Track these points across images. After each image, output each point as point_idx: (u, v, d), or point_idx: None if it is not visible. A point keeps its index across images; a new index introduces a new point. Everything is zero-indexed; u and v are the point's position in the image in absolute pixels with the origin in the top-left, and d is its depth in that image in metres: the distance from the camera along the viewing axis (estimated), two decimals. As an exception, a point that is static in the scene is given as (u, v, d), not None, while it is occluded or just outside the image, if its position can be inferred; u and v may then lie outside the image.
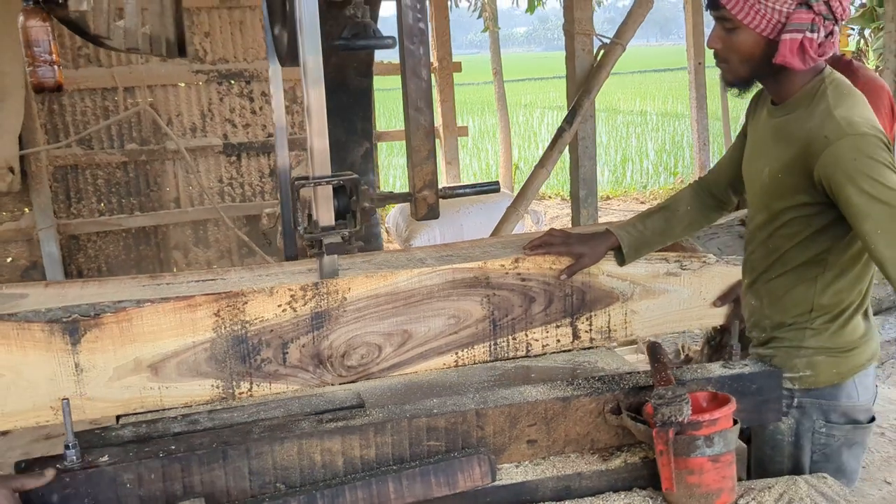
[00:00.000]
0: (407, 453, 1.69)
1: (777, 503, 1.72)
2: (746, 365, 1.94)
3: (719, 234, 2.47)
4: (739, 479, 1.79)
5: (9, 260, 6.38)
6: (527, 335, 2.20)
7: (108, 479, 1.53)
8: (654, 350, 1.91)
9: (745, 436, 2.02)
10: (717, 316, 2.43)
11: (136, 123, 6.37)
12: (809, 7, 1.72)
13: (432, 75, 7.28)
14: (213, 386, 1.95)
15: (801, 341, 1.91)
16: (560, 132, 4.70)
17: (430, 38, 7.01)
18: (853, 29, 9.98)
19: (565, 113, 4.73)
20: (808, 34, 1.73)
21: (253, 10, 6.58)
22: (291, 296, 1.96)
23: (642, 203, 10.04)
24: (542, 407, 1.77)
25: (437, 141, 7.51)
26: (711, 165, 8.89)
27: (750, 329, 2.05)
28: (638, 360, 3.93)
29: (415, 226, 6.47)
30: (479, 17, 9.44)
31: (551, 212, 9.33)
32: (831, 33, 1.76)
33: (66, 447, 1.54)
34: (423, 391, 2.04)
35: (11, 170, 5.96)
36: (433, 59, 7.22)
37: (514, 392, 1.81)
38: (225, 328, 1.92)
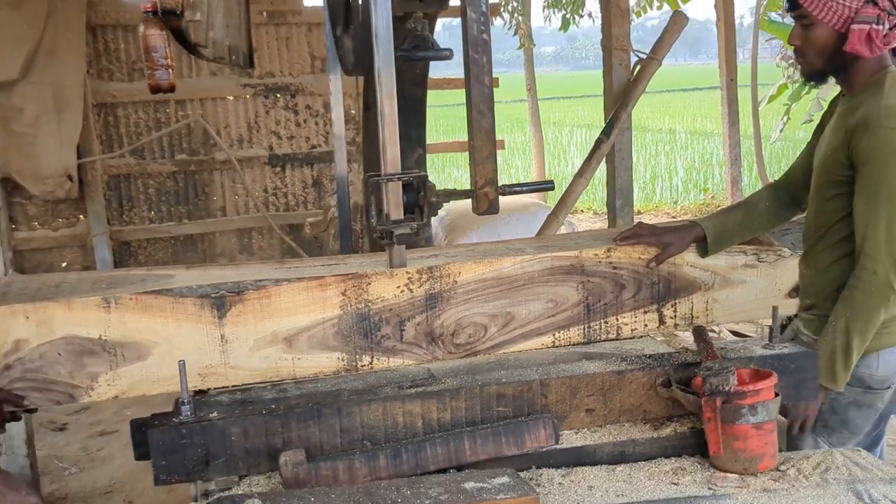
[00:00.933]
0: (478, 417, 1.88)
1: (815, 470, 1.88)
2: (786, 346, 2.11)
3: (793, 230, 2.63)
4: (780, 450, 1.96)
5: (63, 265, 6.65)
6: (617, 319, 2.37)
7: (218, 431, 1.74)
8: (699, 332, 2.10)
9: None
10: (791, 306, 2.57)
11: (186, 135, 6.64)
12: (875, 3, 2.00)
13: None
14: (338, 358, 2.13)
15: None
16: (598, 144, 4.89)
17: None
18: (884, 47, 10.08)
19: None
20: (875, 26, 2.01)
21: (299, 27, 6.84)
22: (409, 278, 2.15)
23: (673, 217, 10.18)
24: (599, 379, 1.96)
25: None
26: (743, 181, 9.03)
27: (800, 295, 2.29)
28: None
29: (453, 234, 6.66)
30: (515, 34, 9.67)
31: (583, 225, 9.50)
32: (895, 27, 2.03)
33: (182, 404, 1.75)
34: (486, 370, 2.22)
35: (70, 177, 6.23)
36: (471, 74, 7.44)
37: (574, 366, 2.00)
38: (350, 306, 2.11)
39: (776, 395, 1.88)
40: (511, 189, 2.50)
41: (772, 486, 1.81)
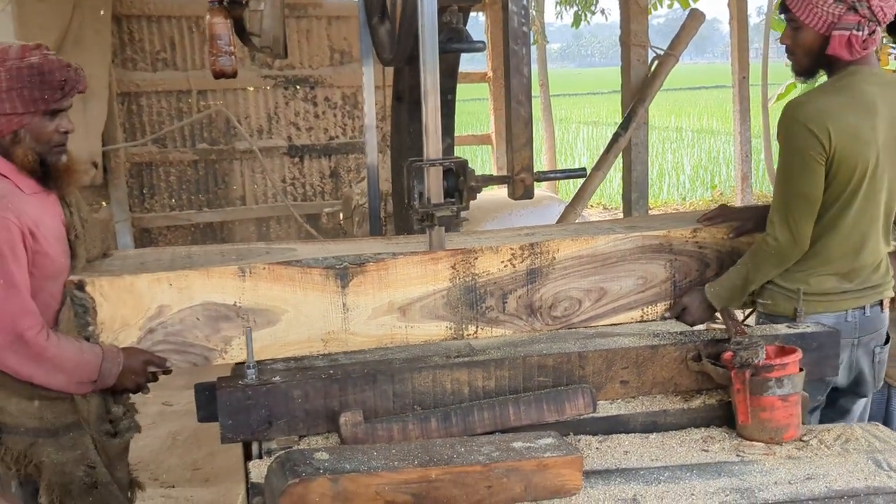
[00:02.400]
0: (520, 386, 2.00)
1: (836, 441, 2.00)
2: (808, 326, 2.23)
3: None
4: (803, 423, 2.08)
5: (86, 250, 6.77)
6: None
7: (281, 393, 1.86)
8: (727, 312, 2.22)
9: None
10: None
11: (208, 124, 6.76)
12: (856, 11, 2.18)
13: (487, 85, 7.62)
14: (447, 327, 2.27)
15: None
16: (615, 138, 5.00)
17: (488, 51, 7.33)
18: (893, 48, 10.18)
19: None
20: (855, 32, 2.20)
21: (319, 20, 6.95)
22: (512, 254, 2.29)
23: (682, 214, 10.28)
24: (633, 353, 2.08)
25: (490, 148, 7.83)
26: (753, 178, 9.13)
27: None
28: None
29: (468, 226, 6.76)
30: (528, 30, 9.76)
31: (595, 220, 9.60)
32: (873, 32, 2.21)
33: (248, 367, 1.87)
34: (524, 345, 2.34)
35: (95, 165, 6.35)
36: (488, 70, 7.54)
37: (610, 340, 2.12)
38: (459, 279, 2.26)
39: (801, 369, 2.00)
40: (545, 176, 2.62)
41: (796, 455, 1.93)
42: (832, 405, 2.45)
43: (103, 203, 6.68)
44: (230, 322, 2.10)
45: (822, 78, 2.38)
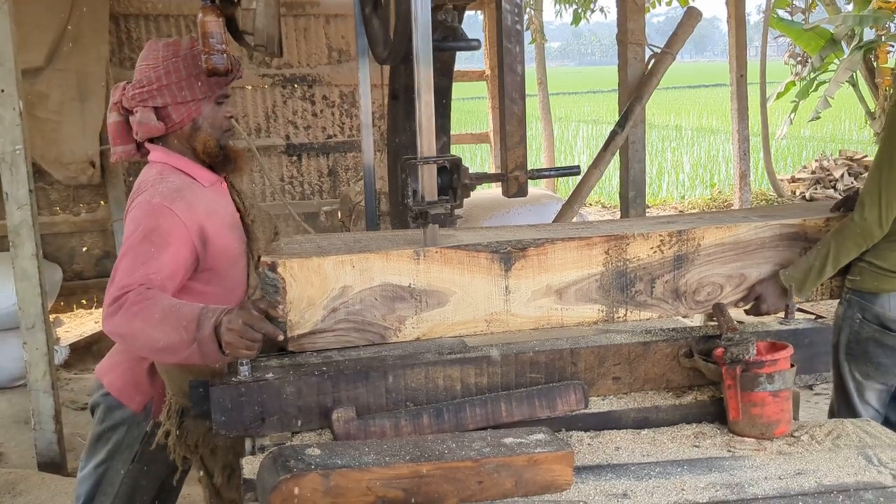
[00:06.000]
0: (513, 383, 2.01)
1: (827, 436, 2.01)
2: (800, 322, 2.24)
3: None
4: (795, 419, 2.09)
5: (84, 249, 6.79)
6: (830, 282, 2.62)
7: (274, 390, 1.87)
8: (719, 308, 2.23)
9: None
10: None
11: (205, 123, 6.76)
12: None
13: (486, 83, 7.63)
14: (599, 310, 2.31)
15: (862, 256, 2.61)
16: (612, 136, 5.00)
17: (484, 50, 7.34)
18: (892, 45, 10.20)
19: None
20: None
21: (317, 18, 6.97)
22: (661, 240, 2.33)
23: (681, 212, 10.30)
24: (625, 349, 2.09)
25: (489, 147, 7.84)
26: (752, 176, 9.13)
27: None
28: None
29: (466, 224, 6.77)
30: (527, 28, 9.79)
31: (593, 218, 9.62)
32: None
33: (241, 364, 1.88)
34: (516, 342, 2.35)
35: (92, 164, 6.37)
36: (486, 69, 7.55)
37: (602, 336, 2.13)
38: (611, 264, 2.30)
39: (792, 365, 2.01)
40: (539, 173, 2.63)
41: (787, 450, 1.94)
42: None
43: (101, 202, 6.69)
44: (405, 302, 2.17)
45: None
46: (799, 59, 11.42)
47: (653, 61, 5.00)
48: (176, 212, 2.21)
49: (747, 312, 2.50)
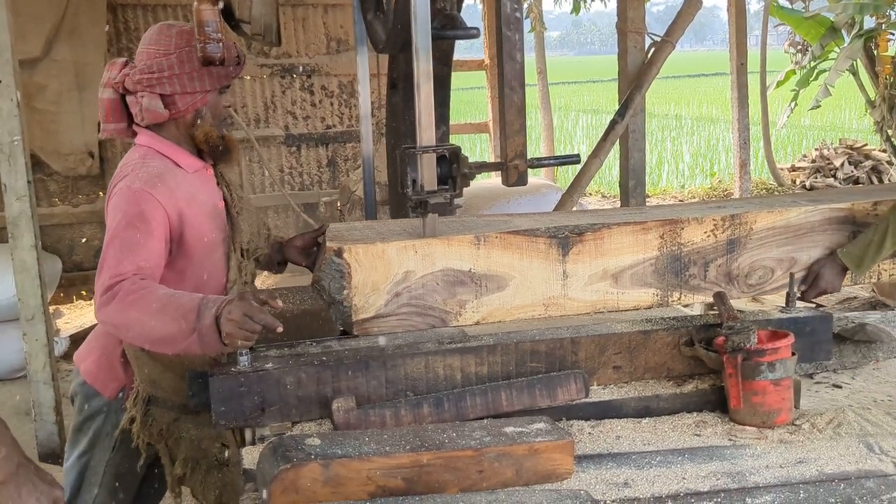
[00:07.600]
0: (513, 372, 2.01)
1: (828, 425, 2.01)
2: (801, 311, 2.24)
3: None
4: (796, 407, 2.08)
5: (83, 240, 6.78)
6: (878, 266, 2.60)
7: (273, 380, 1.87)
8: (720, 296, 2.22)
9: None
10: None
11: (204, 114, 6.74)
12: None
13: (485, 73, 7.61)
14: (654, 294, 2.33)
15: None
16: (612, 125, 4.99)
17: (483, 39, 7.32)
18: (893, 34, 10.15)
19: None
20: None
21: (315, 8, 6.94)
22: (714, 224, 2.35)
23: (681, 201, 10.29)
24: (626, 338, 2.09)
25: (488, 136, 7.83)
26: (752, 165, 9.11)
27: None
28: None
29: (467, 215, 6.77)
30: (527, 17, 9.76)
31: (593, 207, 9.61)
32: None
33: (241, 354, 1.87)
34: (517, 331, 2.34)
35: (91, 154, 6.36)
36: (485, 58, 7.52)
37: (603, 325, 2.13)
38: (666, 248, 2.32)
39: (793, 354, 2.01)
40: (539, 162, 2.61)
41: (788, 439, 1.93)
42: None
43: (100, 193, 6.67)
44: (465, 287, 2.18)
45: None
46: (799, 47, 11.38)
47: (652, 50, 4.99)
48: (157, 196, 2.17)
49: (803, 294, 2.49)
